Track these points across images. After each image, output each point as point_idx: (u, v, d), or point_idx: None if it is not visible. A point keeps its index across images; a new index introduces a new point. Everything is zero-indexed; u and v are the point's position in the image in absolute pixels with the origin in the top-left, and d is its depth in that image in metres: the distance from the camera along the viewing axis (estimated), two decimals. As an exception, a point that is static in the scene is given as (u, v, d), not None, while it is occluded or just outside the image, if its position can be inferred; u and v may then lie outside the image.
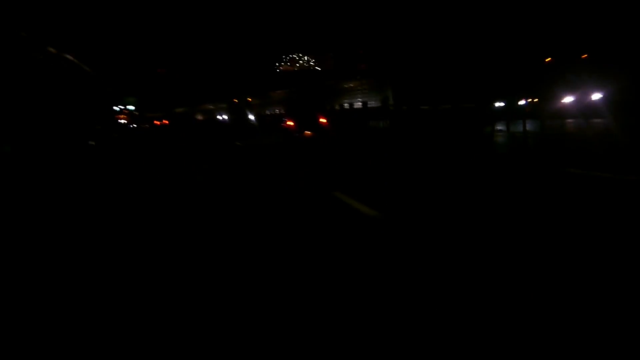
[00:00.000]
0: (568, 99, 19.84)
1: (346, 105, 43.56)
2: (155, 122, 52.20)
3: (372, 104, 39.55)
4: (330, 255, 3.86)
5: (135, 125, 51.56)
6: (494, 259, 3.52)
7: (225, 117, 48.45)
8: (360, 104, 41.91)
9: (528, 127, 15.95)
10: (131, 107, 66.21)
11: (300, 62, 74.23)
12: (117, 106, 64.57)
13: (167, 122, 55.32)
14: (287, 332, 2.49)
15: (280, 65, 71.34)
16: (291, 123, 20.44)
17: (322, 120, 20.74)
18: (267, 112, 51.83)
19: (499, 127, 18.02)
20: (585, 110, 17.53)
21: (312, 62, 70.80)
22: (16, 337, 2.61)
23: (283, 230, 4.87)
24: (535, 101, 21.45)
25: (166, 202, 7.07)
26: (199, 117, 69.97)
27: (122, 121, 54.66)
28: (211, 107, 69.99)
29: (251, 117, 44.52)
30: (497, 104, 22.12)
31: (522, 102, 21.13)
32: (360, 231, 4.62)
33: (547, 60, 24.93)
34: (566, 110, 18.82)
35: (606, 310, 2.57)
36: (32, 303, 3.12)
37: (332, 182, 7.89)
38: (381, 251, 3.87)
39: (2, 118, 12.22)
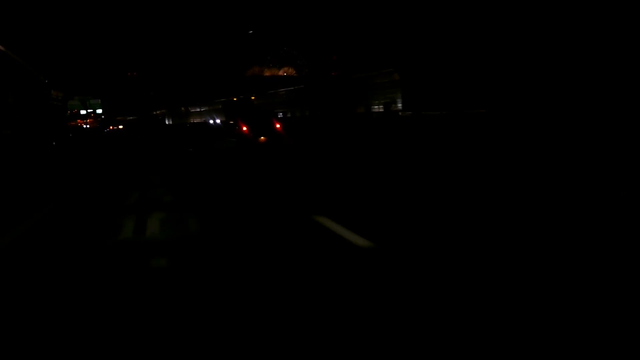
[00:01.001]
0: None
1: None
2: (110, 127, 51.40)
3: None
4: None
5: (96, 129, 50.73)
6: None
7: (213, 121, 47.26)
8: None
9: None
10: (99, 111, 65.11)
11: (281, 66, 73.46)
12: (84, 110, 63.61)
13: (122, 127, 54.86)
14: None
15: (262, 67, 70.64)
16: (245, 128, 19.87)
17: (277, 125, 20.24)
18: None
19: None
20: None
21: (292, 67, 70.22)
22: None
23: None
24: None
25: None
26: (169, 120, 69.03)
27: (87, 125, 53.68)
28: (198, 109, 68.97)
29: (217, 121, 43.96)
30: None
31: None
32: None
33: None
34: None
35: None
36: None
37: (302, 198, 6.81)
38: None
39: None
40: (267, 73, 63.63)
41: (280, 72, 63.44)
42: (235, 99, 49.23)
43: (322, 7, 44.86)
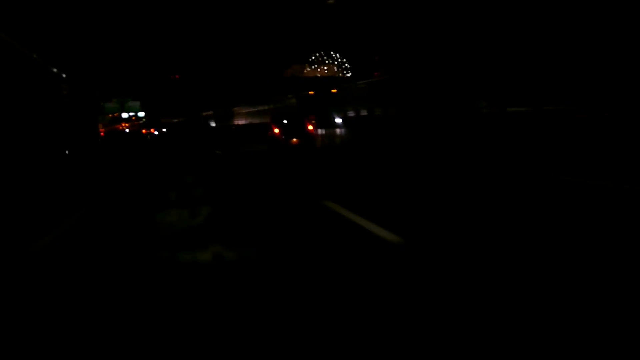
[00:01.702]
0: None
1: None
2: (143, 130, 50.58)
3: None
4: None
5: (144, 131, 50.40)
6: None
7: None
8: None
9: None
10: (141, 114, 65.65)
11: (324, 66, 72.23)
12: (124, 113, 64.19)
13: (153, 130, 53.93)
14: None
15: (302, 69, 69.73)
16: (277, 130, 18.98)
17: (310, 127, 19.25)
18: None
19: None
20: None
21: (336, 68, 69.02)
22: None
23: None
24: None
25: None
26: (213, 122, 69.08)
27: (127, 129, 53.90)
28: (251, 109, 67.71)
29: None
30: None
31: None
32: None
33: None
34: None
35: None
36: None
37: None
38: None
39: None
40: (305, 73, 62.93)
41: (317, 72, 62.67)
42: (311, 92, 45.41)
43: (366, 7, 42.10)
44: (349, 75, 61.32)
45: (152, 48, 66.75)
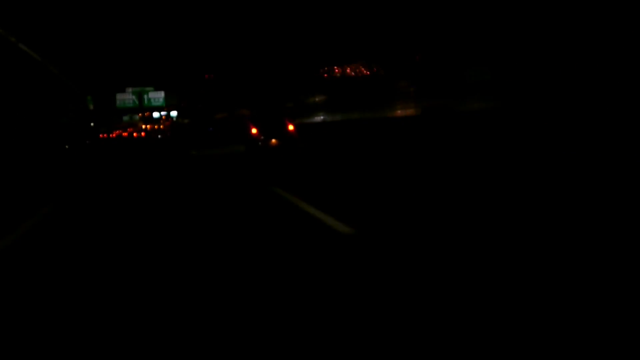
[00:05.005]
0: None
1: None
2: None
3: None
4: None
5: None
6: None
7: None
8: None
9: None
10: (174, 113, 65.48)
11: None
12: (158, 112, 63.91)
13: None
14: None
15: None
16: (255, 130, 17.19)
17: (290, 127, 17.35)
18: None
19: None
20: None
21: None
22: None
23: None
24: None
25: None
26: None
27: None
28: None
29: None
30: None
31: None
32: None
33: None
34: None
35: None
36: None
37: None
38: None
39: None
40: (337, 71, 60.90)
41: (349, 70, 60.50)
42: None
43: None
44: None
45: (183, 42, 65.71)
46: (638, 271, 2.91)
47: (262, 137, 17.11)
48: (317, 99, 44.70)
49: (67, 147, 23.85)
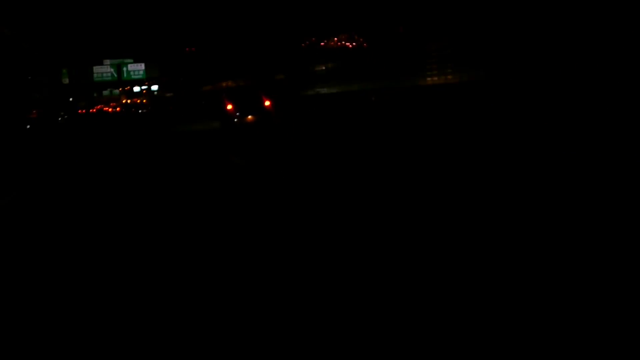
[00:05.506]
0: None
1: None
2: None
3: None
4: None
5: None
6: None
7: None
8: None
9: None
10: (154, 87, 63.94)
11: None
12: (139, 86, 62.45)
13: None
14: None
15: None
16: (230, 107, 16.80)
17: (267, 102, 16.97)
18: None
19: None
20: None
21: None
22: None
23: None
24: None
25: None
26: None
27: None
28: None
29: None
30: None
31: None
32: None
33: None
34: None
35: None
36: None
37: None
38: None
39: None
40: (322, 43, 59.94)
41: (332, 42, 59.61)
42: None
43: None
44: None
45: (164, 9, 63.64)
46: (638, 271, 2.90)
47: (238, 114, 16.76)
48: (309, 70, 44.01)
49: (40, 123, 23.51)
